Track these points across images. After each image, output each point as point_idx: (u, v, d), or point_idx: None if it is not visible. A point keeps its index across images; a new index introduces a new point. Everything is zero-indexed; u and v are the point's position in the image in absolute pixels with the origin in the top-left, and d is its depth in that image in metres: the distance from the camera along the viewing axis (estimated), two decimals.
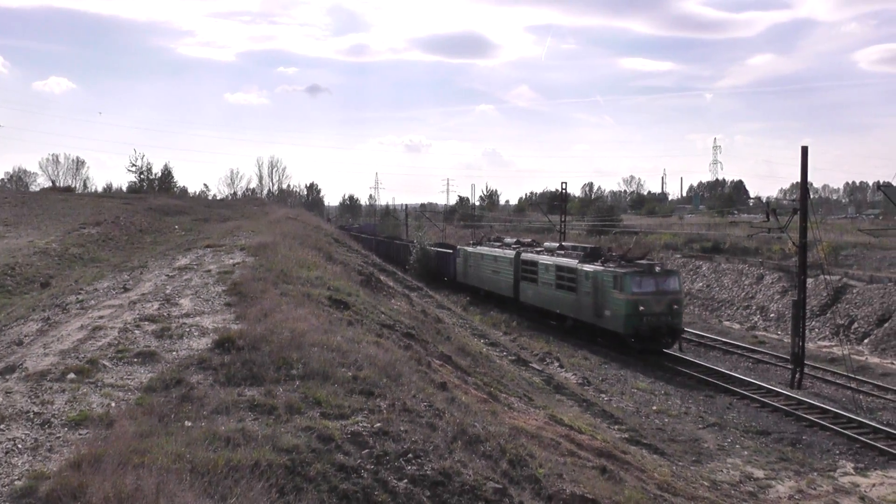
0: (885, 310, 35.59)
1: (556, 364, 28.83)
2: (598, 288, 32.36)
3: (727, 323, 43.00)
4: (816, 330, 37.27)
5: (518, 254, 42.35)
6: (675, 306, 31.35)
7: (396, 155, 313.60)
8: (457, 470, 7.45)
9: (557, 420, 15.71)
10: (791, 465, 18.72)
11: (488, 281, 46.71)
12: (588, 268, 33.86)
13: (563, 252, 38.89)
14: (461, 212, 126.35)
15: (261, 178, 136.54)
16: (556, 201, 70.04)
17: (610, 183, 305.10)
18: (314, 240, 27.72)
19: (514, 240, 48.46)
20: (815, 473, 18.16)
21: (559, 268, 36.71)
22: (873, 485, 17.36)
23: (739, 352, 33.91)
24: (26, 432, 7.07)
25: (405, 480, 6.95)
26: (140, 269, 18.91)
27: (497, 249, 46.61)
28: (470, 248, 51.95)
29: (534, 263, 39.65)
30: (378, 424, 7.75)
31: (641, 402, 24.72)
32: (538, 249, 42.67)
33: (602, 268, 32.87)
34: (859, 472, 18.20)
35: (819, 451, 19.83)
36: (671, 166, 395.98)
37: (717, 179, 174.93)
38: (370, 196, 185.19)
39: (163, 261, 20.45)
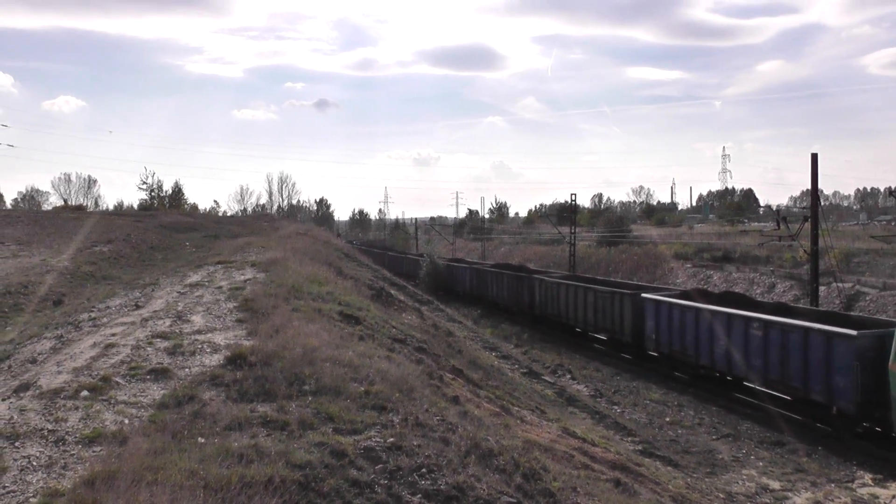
0: None
1: (568, 376, 28.80)
2: None
3: None
4: None
5: None
6: None
7: (405, 168, 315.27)
8: (470, 484, 7.40)
9: (570, 433, 15.64)
10: (808, 477, 18.54)
11: None
12: None
13: None
14: (471, 224, 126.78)
15: (270, 194, 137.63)
16: (566, 213, 70.02)
17: (619, 193, 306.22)
18: (324, 255, 27.77)
19: None
20: (833, 485, 17.98)
21: None
22: (893, 496, 17.17)
23: None
24: (40, 450, 7.07)
25: (419, 495, 6.91)
26: (151, 287, 18.96)
27: None
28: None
29: None
30: (391, 439, 7.72)
31: (654, 413, 24.60)
32: None
33: None
34: (878, 482, 17.99)
35: (836, 462, 19.63)
36: (680, 176, 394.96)
37: (726, 188, 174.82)
38: (380, 210, 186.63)
39: (174, 278, 20.50)
